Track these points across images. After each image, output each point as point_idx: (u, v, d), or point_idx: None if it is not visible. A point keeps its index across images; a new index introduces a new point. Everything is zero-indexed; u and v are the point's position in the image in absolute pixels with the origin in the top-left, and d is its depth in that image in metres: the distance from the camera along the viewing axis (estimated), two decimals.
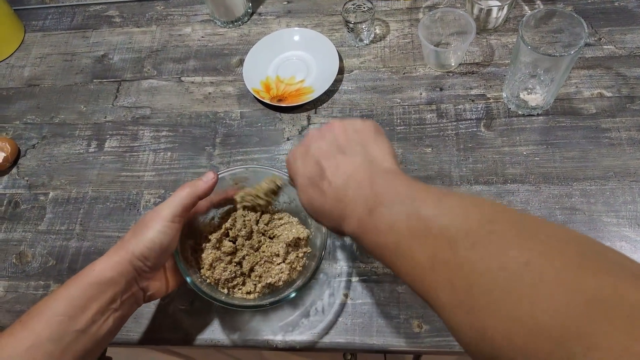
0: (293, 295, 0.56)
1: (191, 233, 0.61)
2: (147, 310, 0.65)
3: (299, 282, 0.59)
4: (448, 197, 0.37)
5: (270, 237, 0.63)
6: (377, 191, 0.41)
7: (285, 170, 0.55)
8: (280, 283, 0.60)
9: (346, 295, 0.64)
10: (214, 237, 0.61)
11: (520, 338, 0.28)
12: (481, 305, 0.30)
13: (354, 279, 0.65)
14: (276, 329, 0.63)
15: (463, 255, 0.32)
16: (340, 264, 0.66)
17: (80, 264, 0.70)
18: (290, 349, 0.62)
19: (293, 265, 0.61)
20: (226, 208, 0.64)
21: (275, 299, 0.57)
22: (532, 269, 0.29)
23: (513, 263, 0.30)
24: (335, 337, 0.61)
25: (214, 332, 0.63)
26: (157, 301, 0.66)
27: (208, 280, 0.59)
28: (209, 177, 0.56)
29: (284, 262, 0.60)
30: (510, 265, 0.30)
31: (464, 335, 0.32)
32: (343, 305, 0.63)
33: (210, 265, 0.59)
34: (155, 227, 0.52)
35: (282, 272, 0.60)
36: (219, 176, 0.59)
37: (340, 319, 0.62)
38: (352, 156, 0.45)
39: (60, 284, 0.69)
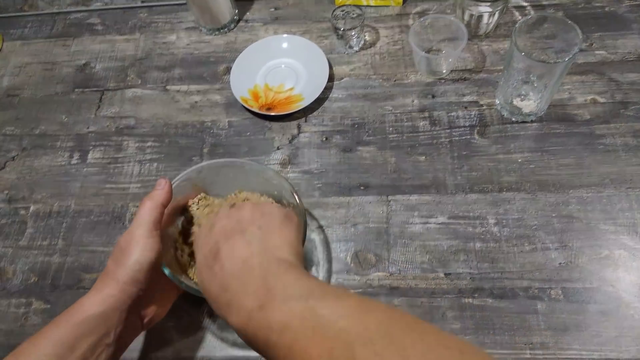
0: None
1: (167, 244, 0.59)
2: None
3: None
4: (344, 298, 0.36)
5: None
6: (269, 285, 0.39)
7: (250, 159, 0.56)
8: None
9: None
10: (188, 246, 0.60)
11: None
12: None
13: (352, 289, 0.63)
14: None
15: None
16: (335, 277, 0.64)
17: (64, 280, 0.68)
18: None
19: None
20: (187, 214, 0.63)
21: None
22: None
23: None
24: None
25: (205, 349, 0.61)
26: None
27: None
28: (161, 184, 0.55)
29: None
30: None
31: None
32: None
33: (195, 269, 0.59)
34: (136, 248, 0.50)
35: None
36: (177, 182, 0.58)
37: None
38: (250, 241, 0.43)
39: (42, 301, 0.66)
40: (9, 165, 0.79)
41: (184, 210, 0.62)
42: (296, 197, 0.58)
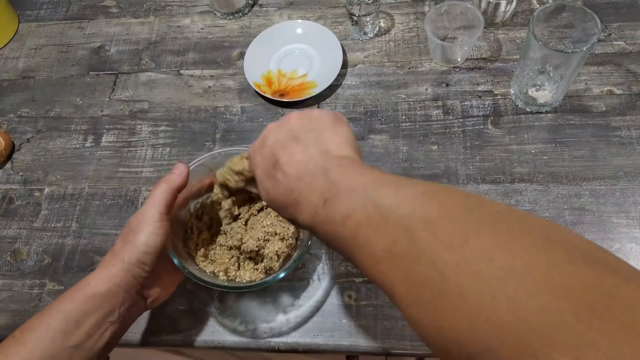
0: (291, 267, 0.55)
1: (176, 228, 0.60)
2: (146, 311, 0.63)
3: (295, 255, 0.58)
4: (406, 186, 0.35)
5: (254, 214, 0.62)
6: (332, 180, 0.38)
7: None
8: (276, 257, 0.58)
9: (350, 297, 0.62)
10: (199, 228, 0.61)
11: (482, 335, 0.26)
12: (440, 300, 0.28)
13: (358, 279, 0.63)
14: (278, 331, 0.61)
15: (422, 247, 0.30)
16: (344, 265, 0.64)
17: (77, 262, 0.69)
18: (293, 350, 0.61)
19: (285, 238, 0.59)
20: (205, 197, 0.63)
21: (277, 273, 0.56)
22: (495, 263, 0.27)
23: (475, 256, 0.28)
24: (339, 339, 0.60)
25: (214, 334, 0.62)
26: None
27: (207, 270, 0.59)
28: (180, 169, 0.55)
29: (274, 236, 0.59)
30: (472, 258, 0.28)
31: (424, 331, 0.30)
32: (347, 307, 0.62)
33: (205, 255, 0.60)
34: (145, 230, 0.51)
35: (276, 246, 0.58)
36: (192, 167, 0.58)
37: (344, 321, 0.61)
38: (307, 145, 0.43)
39: (56, 282, 0.67)
40: (24, 147, 0.80)
41: (199, 193, 0.63)
42: None
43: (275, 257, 0.58)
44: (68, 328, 0.46)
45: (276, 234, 0.59)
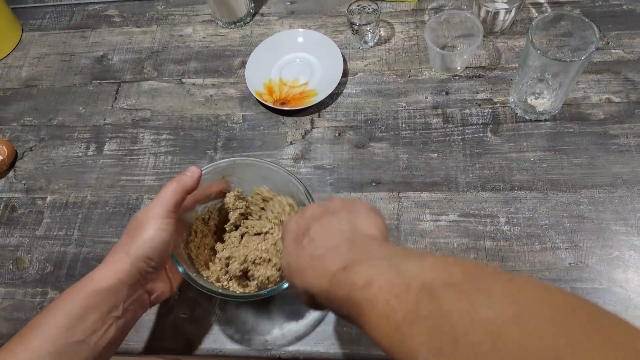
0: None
1: (180, 229, 0.60)
2: (148, 319, 0.64)
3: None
4: (429, 256, 0.36)
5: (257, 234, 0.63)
6: (355, 251, 0.40)
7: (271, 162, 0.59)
8: (267, 281, 0.58)
9: None
10: (203, 232, 0.62)
11: None
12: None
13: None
14: (279, 339, 0.61)
15: (447, 308, 0.30)
16: None
17: (79, 270, 0.69)
18: (294, 359, 0.61)
19: (279, 268, 0.59)
20: (213, 202, 0.64)
21: (273, 287, 0.56)
22: (521, 325, 0.27)
23: (501, 317, 0.28)
24: (340, 347, 0.60)
25: (216, 342, 0.62)
26: (157, 309, 0.64)
27: (204, 275, 0.59)
28: (193, 172, 0.55)
29: (268, 262, 0.59)
30: (498, 319, 0.28)
31: None
32: None
33: (205, 261, 0.61)
34: (152, 225, 0.51)
35: (268, 272, 0.58)
36: (204, 171, 0.58)
37: (344, 329, 0.61)
38: (340, 220, 0.44)
39: (58, 291, 0.68)
40: (27, 155, 0.81)
41: (208, 198, 0.63)
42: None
43: (267, 281, 0.57)
44: (72, 323, 0.47)
45: (269, 260, 0.58)
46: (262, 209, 0.64)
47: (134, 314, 0.53)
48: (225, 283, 0.59)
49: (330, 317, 0.62)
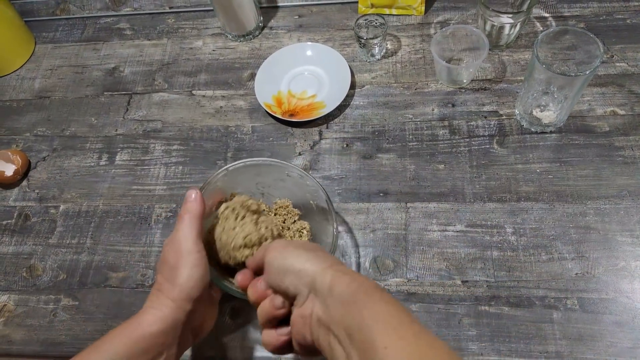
0: None
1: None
2: None
3: None
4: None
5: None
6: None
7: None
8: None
9: None
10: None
11: None
12: None
13: None
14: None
15: None
16: None
17: (91, 278, 0.70)
18: None
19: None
20: (215, 213, 0.62)
21: None
22: None
23: None
24: None
25: (226, 350, 0.63)
26: None
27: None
28: (192, 196, 0.54)
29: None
30: None
31: None
32: None
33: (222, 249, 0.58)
34: (187, 264, 0.50)
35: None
36: (204, 190, 0.58)
37: None
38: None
39: (71, 298, 0.69)
40: (40, 165, 0.82)
41: (210, 211, 0.63)
42: (323, 194, 0.61)
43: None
44: None
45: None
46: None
47: (177, 356, 0.52)
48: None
49: None
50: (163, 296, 0.50)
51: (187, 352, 0.63)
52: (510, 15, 0.75)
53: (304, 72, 0.84)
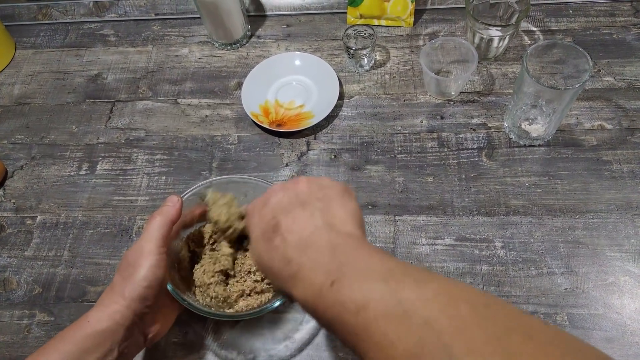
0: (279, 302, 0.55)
1: (171, 259, 0.59)
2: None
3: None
4: (428, 281, 0.33)
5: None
6: (340, 260, 0.36)
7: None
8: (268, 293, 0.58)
9: None
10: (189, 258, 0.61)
11: None
12: None
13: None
14: None
15: (453, 353, 0.28)
16: None
17: (68, 292, 0.68)
18: None
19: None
20: (197, 226, 0.63)
21: (267, 306, 0.55)
22: None
23: None
24: None
25: None
26: None
27: (202, 302, 0.57)
28: (174, 201, 0.55)
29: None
30: None
31: None
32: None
33: (199, 287, 0.58)
34: (145, 264, 0.50)
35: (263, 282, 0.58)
36: (185, 197, 0.58)
37: (340, 354, 0.60)
38: (312, 213, 0.41)
39: (46, 313, 0.66)
40: (17, 174, 0.79)
41: (191, 222, 0.62)
42: None
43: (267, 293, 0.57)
44: None
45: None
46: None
47: (128, 356, 0.52)
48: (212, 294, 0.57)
49: (325, 341, 0.61)
50: (114, 293, 0.50)
51: None
52: (499, 28, 0.75)
53: (292, 82, 0.83)
